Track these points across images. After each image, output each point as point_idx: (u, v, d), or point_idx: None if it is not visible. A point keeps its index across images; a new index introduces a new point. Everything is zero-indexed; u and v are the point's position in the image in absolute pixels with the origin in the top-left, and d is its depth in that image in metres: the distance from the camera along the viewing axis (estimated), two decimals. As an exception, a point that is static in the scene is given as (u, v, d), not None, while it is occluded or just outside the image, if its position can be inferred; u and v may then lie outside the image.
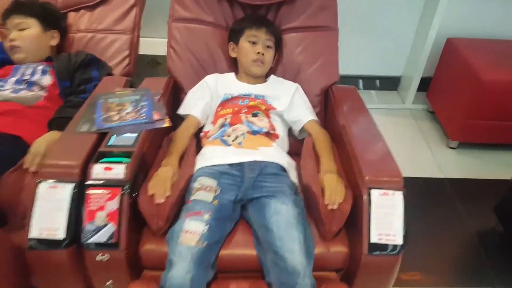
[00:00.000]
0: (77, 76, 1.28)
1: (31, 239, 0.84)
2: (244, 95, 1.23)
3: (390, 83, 2.43)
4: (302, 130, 1.23)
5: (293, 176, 1.08)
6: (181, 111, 1.26)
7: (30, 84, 1.23)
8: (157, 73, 2.23)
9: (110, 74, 1.40)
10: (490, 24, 2.15)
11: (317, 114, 1.28)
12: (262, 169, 1.03)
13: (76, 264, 0.87)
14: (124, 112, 1.05)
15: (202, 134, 1.21)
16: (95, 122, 1.01)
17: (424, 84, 2.23)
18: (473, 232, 1.57)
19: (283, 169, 1.06)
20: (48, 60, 1.32)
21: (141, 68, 1.62)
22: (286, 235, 0.85)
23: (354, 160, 0.97)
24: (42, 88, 1.24)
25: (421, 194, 1.73)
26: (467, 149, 2.00)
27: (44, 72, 1.27)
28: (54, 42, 1.36)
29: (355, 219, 0.92)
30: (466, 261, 1.48)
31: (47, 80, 1.26)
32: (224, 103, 1.23)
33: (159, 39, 2.03)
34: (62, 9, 1.46)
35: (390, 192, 0.89)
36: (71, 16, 1.48)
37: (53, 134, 1.07)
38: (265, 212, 0.92)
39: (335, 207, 0.90)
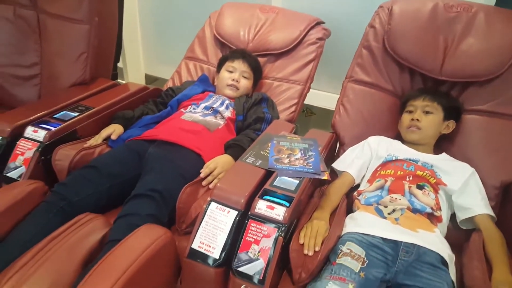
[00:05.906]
0: (251, 113, 1.46)
1: (191, 249, 0.95)
2: (410, 160, 1.18)
3: None
4: (469, 221, 1.10)
5: (452, 273, 0.95)
6: (337, 166, 1.28)
7: (215, 111, 1.45)
8: (308, 122, 2.34)
9: (276, 117, 1.53)
10: None
11: (489, 209, 1.12)
12: (420, 256, 0.94)
13: (220, 284, 0.94)
14: (294, 157, 1.13)
15: (355, 193, 1.19)
16: (269, 160, 1.11)
17: None
18: None
19: (443, 262, 0.95)
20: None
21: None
22: None
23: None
24: (222, 117, 1.44)
25: None
26: None
27: (227, 106, 1.49)
28: None
29: None
30: None
31: (228, 113, 1.47)
32: (386, 163, 1.20)
33: (317, 91, 2.15)
34: (252, 52, 1.65)
35: None
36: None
37: (228, 158, 1.23)
38: None
39: None
